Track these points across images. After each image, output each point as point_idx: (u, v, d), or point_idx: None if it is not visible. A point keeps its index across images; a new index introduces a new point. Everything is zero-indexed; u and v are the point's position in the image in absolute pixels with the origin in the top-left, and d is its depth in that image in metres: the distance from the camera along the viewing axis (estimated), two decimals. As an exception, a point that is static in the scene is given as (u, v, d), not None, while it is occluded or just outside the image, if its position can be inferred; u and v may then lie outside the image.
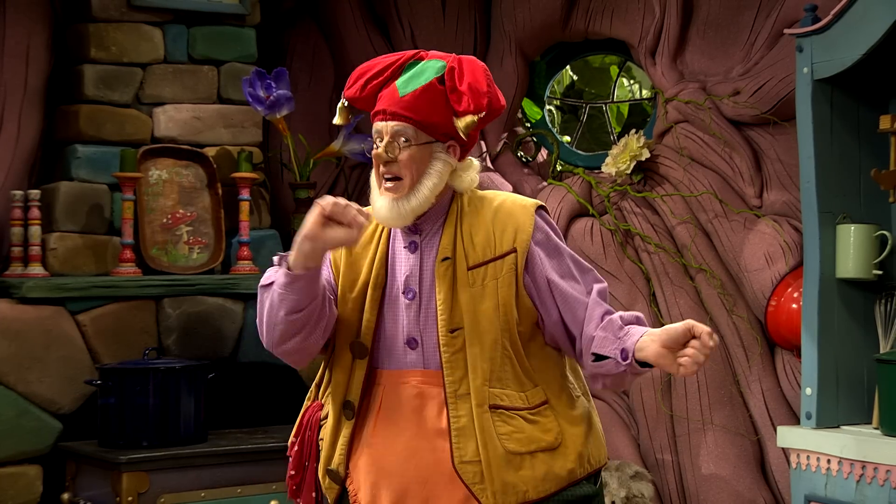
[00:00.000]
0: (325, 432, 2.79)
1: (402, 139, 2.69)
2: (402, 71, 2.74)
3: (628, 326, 2.67)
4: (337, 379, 2.76)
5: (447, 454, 2.69)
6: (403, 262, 2.75)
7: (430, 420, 2.71)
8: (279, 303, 2.65)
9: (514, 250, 2.74)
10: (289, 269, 2.63)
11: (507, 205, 2.79)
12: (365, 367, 2.73)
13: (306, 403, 2.89)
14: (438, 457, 2.70)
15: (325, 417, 2.79)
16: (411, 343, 2.73)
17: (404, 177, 2.69)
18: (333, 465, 2.77)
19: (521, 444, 2.70)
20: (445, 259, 2.72)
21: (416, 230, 2.77)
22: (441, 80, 2.70)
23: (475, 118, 2.68)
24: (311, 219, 2.59)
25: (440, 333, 2.70)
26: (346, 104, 2.81)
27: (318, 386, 2.85)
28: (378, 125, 2.72)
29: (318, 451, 2.79)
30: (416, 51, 2.79)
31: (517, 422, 2.71)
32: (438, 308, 2.70)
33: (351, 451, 2.75)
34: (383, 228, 2.78)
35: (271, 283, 2.68)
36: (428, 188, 2.71)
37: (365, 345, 2.73)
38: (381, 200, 2.72)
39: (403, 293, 2.73)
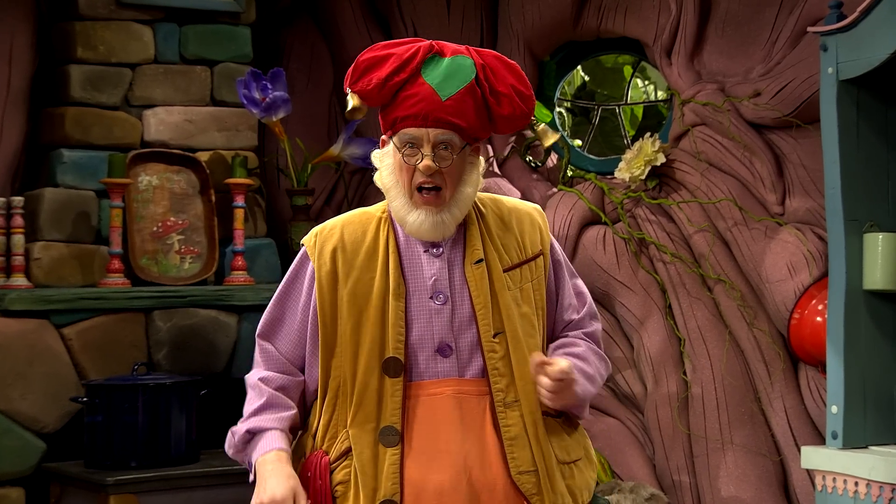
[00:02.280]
0: (347, 472, 2.66)
1: (443, 147, 2.64)
2: (422, 66, 2.66)
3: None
4: (364, 407, 2.66)
5: (499, 466, 2.66)
6: (426, 265, 2.70)
7: (474, 432, 2.66)
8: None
9: (541, 253, 2.77)
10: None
11: (521, 207, 2.82)
12: (401, 385, 2.66)
13: (300, 457, 2.76)
14: (491, 470, 2.66)
15: (342, 457, 2.67)
16: (444, 350, 2.68)
17: (445, 187, 2.65)
18: (387, 496, 2.63)
19: (567, 453, 2.74)
20: (479, 261, 2.70)
21: None
22: (477, 80, 2.66)
23: (544, 125, 2.81)
24: None
25: (483, 339, 2.67)
26: (354, 96, 2.71)
27: (314, 435, 2.73)
28: (414, 132, 2.64)
29: (334, 499, 2.67)
30: (429, 42, 2.70)
31: (561, 429, 2.74)
32: (478, 312, 2.67)
33: (402, 479, 2.65)
34: (388, 234, 2.72)
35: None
36: (468, 196, 2.69)
37: (400, 360, 2.66)
38: (417, 214, 2.66)
39: (431, 298, 2.68)
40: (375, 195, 5.46)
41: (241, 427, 2.76)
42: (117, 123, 5.04)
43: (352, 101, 2.70)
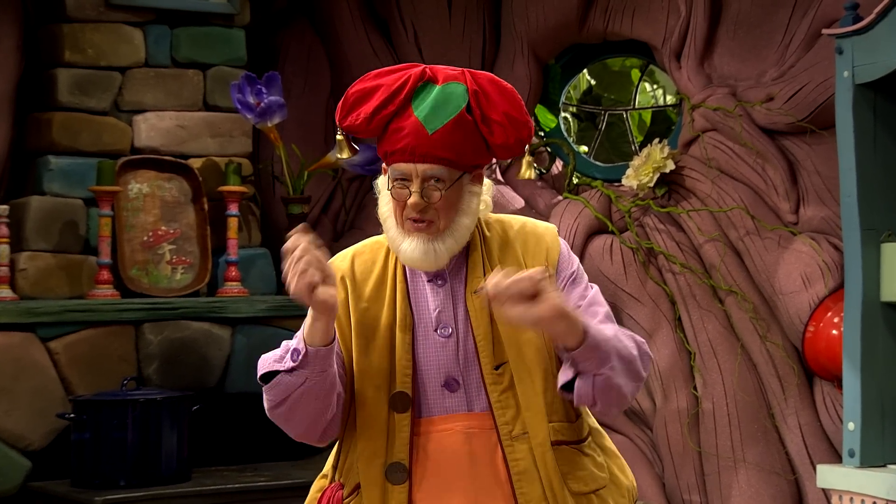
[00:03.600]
0: None
1: (434, 180, 2.63)
2: (413, 96, 2.65)
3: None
4: (372, 442, 2.66)
5: (510, 502, 2.64)
6: (430, 297, 2.70)
7: (485, 468, 2.66)
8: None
9: (546, 271, 2.71)
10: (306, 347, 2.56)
11: (530, 227, 2.79)
12: (409, 421, 2.66)
13: (318, 485, 2.75)
14: None
15: (355, 491, 2.66)
16: (451, 385, 2.67)
17: (439, 220, 2.65)
18: None
19: (584, 483, 2.70)
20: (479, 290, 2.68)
21: None
22: (468, 107, 2.64)
23: (528, 158, 2.72)
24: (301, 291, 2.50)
25: (484, 372, 2.65)
26: (344, 135, 2.73)
27: (335, 466, 2.73)
28: (403, 167, 2.62)
29: None
30: (421, 68, 2.69)
31: (577, 458, 2.71)
32: (478, 344, 2.66)
33: None
34: (396, 263, 2.72)
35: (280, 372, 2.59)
36: (465, 227, 2.67)
37: (407, 394, 2.65)
38: (409, 242, 2.65)
39: (436, 331, 2.68)
40: (374, 204, 5.44)
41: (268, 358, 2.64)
42: (106, 129, 5.03)
43: (341, 151, 2.74)
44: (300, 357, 2.55)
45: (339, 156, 2.76)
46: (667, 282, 5.12)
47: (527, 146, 2.72)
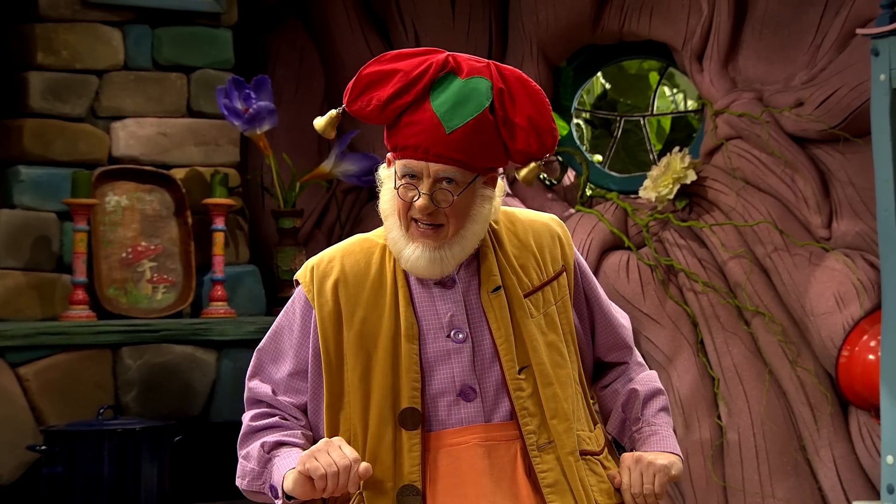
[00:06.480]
0: None
1: (446, 181, 2.60)
2: (432, 87, 2.60)
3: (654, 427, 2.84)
4: (380, 465, 2.62)
5: None
6: (438, 300, 2.67)
7: (506, 482, 2.64)
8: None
9: (564, 269, 2.74)
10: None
11: (537, 220, 2.79)
12: (419, 438, 2.63)
13: None
14: None
15: None
16: (467, 394, 2.65)
17: (447, 224, 2.63)
18: None
19: (608, 496, 2.70)
20: (497, 289, 2.67)
21: None
22: (491, 107, 2.60)
23: (539, 164, 2.66)
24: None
25: (507, 376, 2.64)
26: (339, 114, 2.69)
27: (325, 500, 2.68)
28: (414, 164, 2.59)
29: None
30: (444, 55, 2.64)
31: (599, 470, 2.71)
32: (499, 347, 2.65)
33: None
34: (394, 264, 2.69)
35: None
36: (474, 234, 2.65)
37: (417, 410, 2.63)
38: (413, 248, 2.63)
39: (449, 336, 2.65)
40: (371, 216, 5.44)
41: (253, 445, 2.67)
42: (82, 137, 5.04)
43: (325, 126, 2.67)
44: (272, 487, 2.62)
45: (316, 125, 2.69)
46: (688, 302, 5.11)
47: (549, 155, 2.68)
